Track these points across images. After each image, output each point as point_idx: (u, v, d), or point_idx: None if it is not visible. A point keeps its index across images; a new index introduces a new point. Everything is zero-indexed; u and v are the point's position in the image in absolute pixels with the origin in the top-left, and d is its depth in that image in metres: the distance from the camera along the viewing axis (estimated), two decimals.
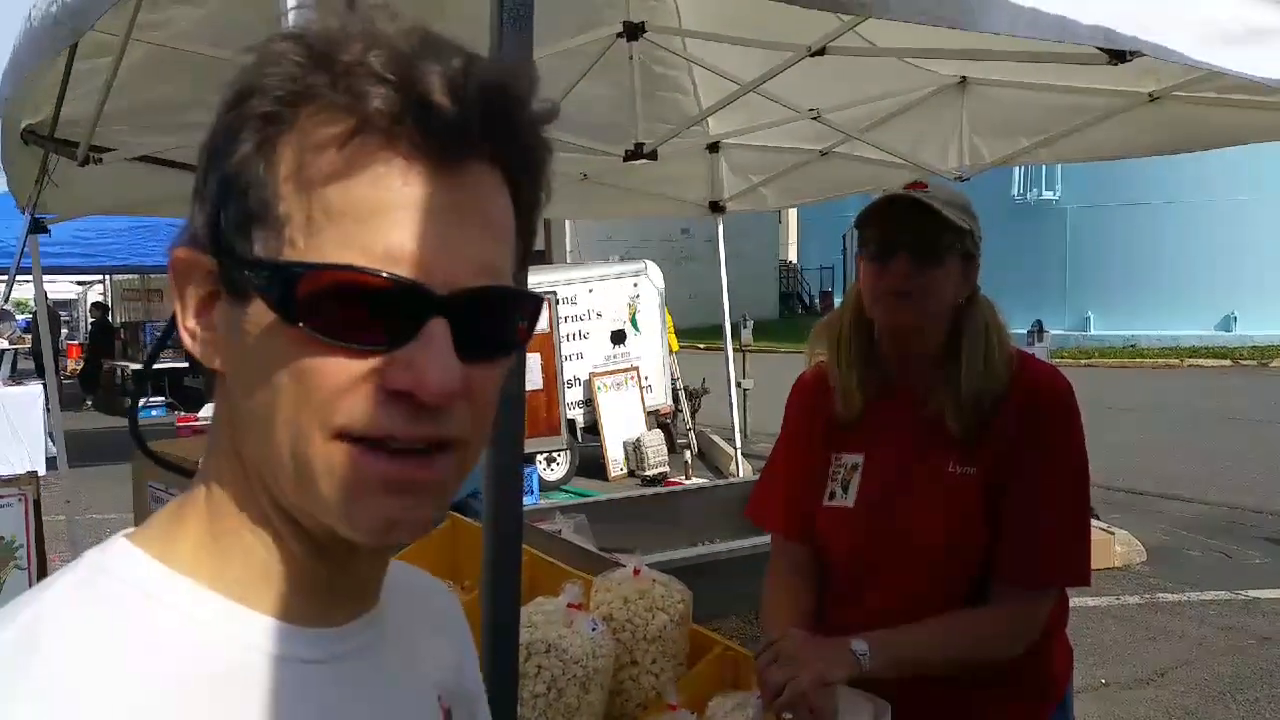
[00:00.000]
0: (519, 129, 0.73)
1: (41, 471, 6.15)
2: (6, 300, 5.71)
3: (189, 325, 0.75)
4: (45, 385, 7.54)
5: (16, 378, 12.54)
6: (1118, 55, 3.14)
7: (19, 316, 24.48)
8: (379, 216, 0.67)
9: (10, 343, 17.38)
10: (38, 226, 4.83)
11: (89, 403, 19.31)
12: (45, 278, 6.28)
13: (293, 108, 0.69)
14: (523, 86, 0.73)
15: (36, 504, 4.13)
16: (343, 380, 0.68)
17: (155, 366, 3.66)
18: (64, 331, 25.71)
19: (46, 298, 6.39)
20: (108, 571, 0.74)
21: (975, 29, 1.38)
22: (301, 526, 0.74)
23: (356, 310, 0.67)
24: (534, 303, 0.77)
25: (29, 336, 19.94)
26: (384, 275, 0.67)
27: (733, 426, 7.23)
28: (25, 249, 4.94)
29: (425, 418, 0.69)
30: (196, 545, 0.77)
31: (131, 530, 0.80)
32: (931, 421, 2.07)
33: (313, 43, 0.69)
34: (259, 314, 0.70)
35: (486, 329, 0.72)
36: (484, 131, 0.69)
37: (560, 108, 0.77)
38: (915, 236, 2.01)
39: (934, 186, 2.08)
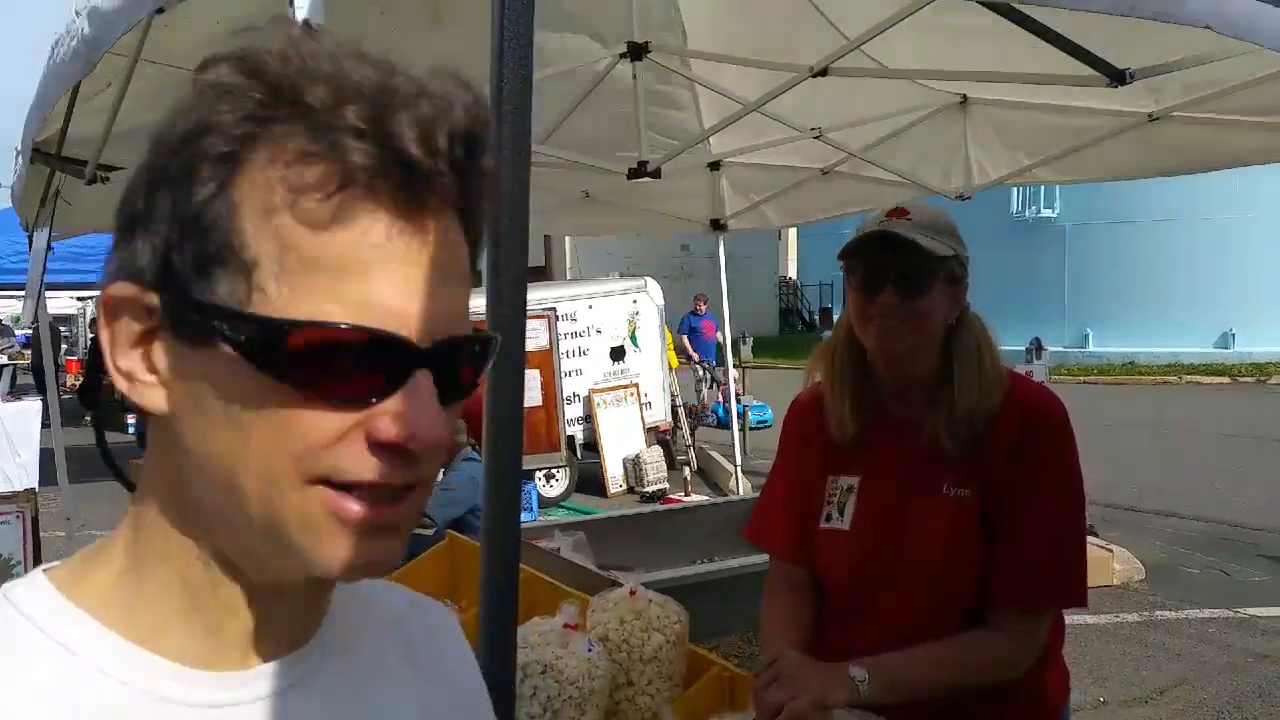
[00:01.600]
0: (481, 175, 0.73)
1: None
2: (35, 320, 5.72)
3: (122, 365, 0.72)
4: (45, 401, 7.52)
5: (15, 393, 12.51)
6: (1117, 76, 3.15)
7: (18, 332, 24.46)
8: (362, 270, 0.67)
9: (9, 358, 17.38)
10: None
11: (88, 419, 19.29)
12: (45, 293, 6.28)
13: (250, 146, 0.67)
14: (485, 129, 0.72)
15: (34, 521, 4.13)
16: (328, 433, 0.68)
17: None
18: (64, 347, 25.71)
19: (47, 312, 6.39)
20: (12, 602, 0.73)
21: (1056, 5, 1.37)
22: (239, 573, 0.73)
23: (342, 364, 0.67)
24: (491, 341, 0.78)
25: (28, 352, 19.93)
26: (374, 330, 0.67)
27: (733, 443, 7.23)
28: (41, 265, 4.93)
29: (410, 463, 0.70)
30: (110, 584, 0.74)
31: (55, 564, 0.78)
32: (926, 443, 2.07)
33: (273, 79, 0.67)
34: (224, 361, 0.67)
35: (458, 375, 0.73)
36: (454, 183, 0.70)
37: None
38: (899, 268, 2.02)
39: (915, 211, 2.08)
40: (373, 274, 0.67)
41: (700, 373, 17.03)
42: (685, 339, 17.04)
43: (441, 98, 0.69)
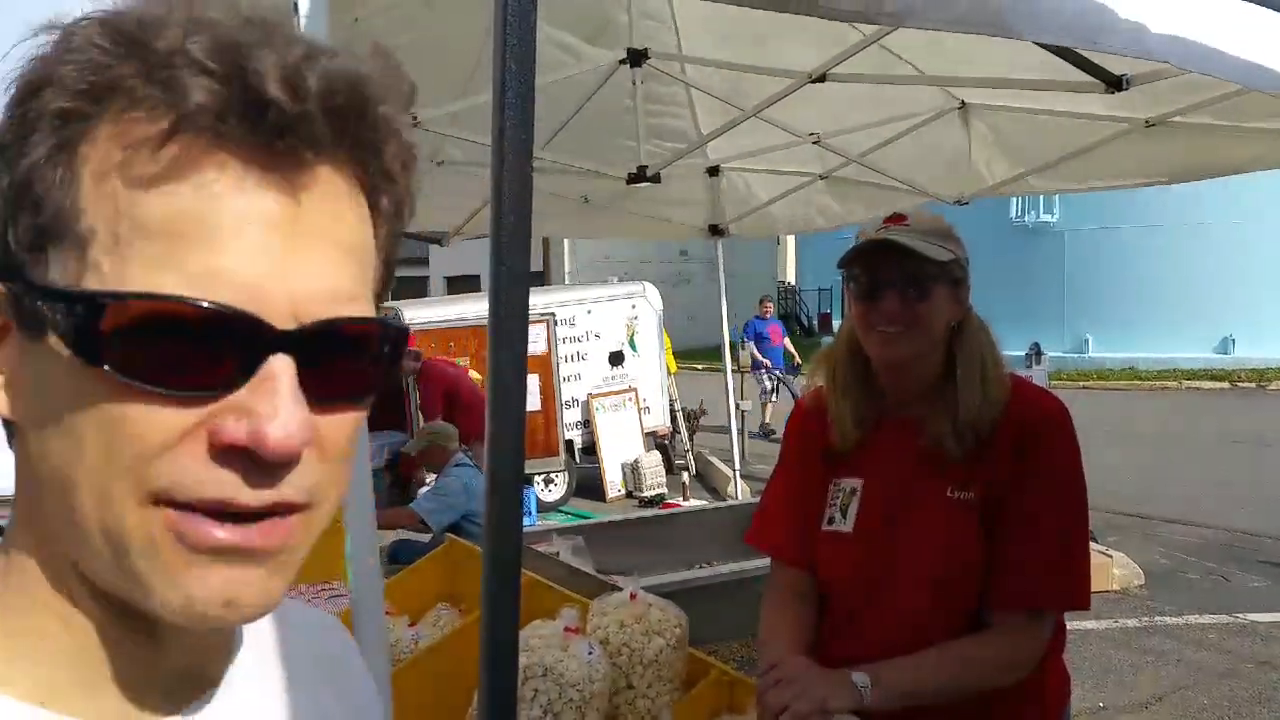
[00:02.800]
0: (376, 129, 0.61)
1: None
2: None
3: None
4: None
5: None
6: (1115, 82, 3.16)
7: None
8: (203, 232, 0.54)
9: None
10: None
11: None
12: None
13: (97, 103, 0.55)
14: (380, 81, 0.60)
15: None
16: (162, 434, 0.55)
17: None
18: None
19: None
20: None
21: (1008, 35, 1.39)
22: (123, 606, 0.60)
23: (177, 348, 0.55)
24: (397, 335, 0.64)
25: None
26: (209, 305, 0.54)
27: (731, 448, 7.23)
28: None
29: (265, 476, 0.56)
30: None
31: None
32: (929, 446, 2.08)
33: (123, 26, 0.56)
34: (57, 352, 0.56)
35: (340, 368, 0.60)
36: (331, 132, 0.57)
37: (410, 93, 0.64)
38: (899, 274, 2.03)
39: (913, 217, 2.10)
40: (216, 237, 0.55)
41: (769, 383, 16.07)
42: (752, 345, 15.86)
43: (329, 48, 0.58)
